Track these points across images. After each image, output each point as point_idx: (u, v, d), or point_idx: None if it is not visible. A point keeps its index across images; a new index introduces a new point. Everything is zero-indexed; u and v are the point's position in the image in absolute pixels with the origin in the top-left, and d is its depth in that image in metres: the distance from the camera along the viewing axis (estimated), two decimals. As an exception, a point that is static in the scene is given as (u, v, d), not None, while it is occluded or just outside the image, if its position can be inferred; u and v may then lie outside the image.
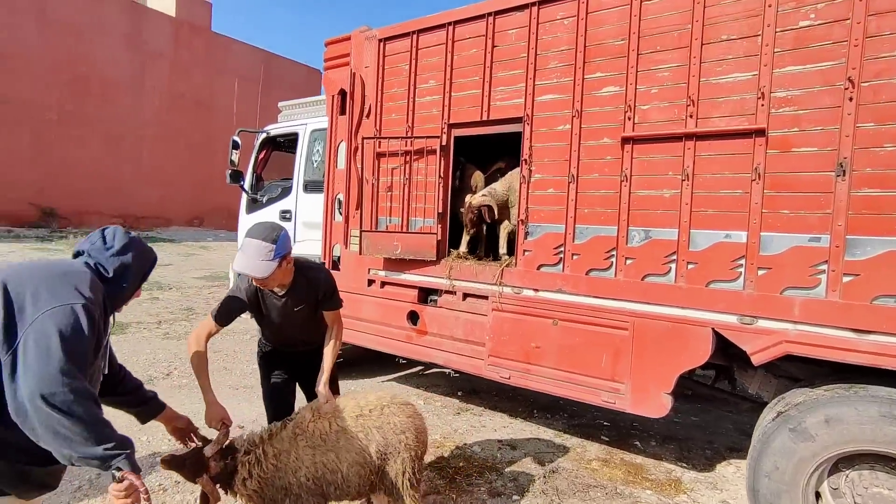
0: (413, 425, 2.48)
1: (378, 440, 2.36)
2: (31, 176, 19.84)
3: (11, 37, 19.40)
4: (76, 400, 1.35)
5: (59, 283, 1.48)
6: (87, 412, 1.37)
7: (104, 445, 1.39)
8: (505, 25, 3.57)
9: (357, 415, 2.39)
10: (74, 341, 1.39)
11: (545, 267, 3.40)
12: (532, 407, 4.79)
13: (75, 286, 1.49)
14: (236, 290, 2.59)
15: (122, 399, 1.99)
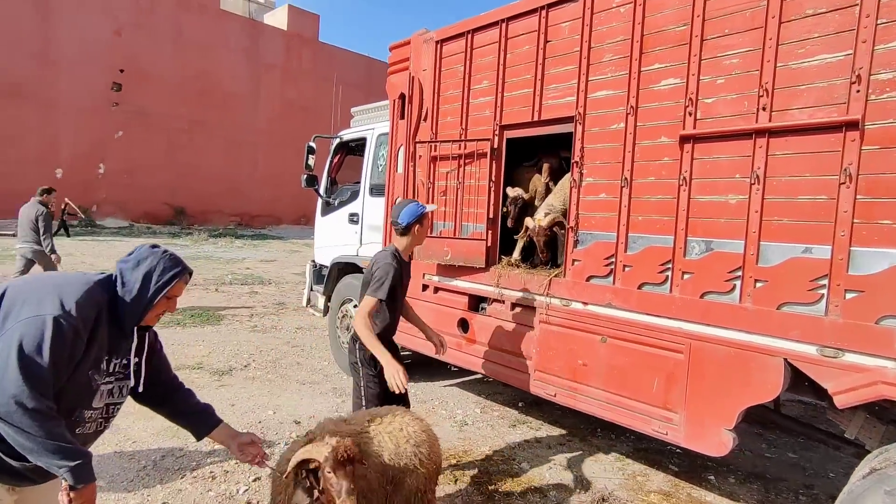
0: (428, 439, 2.38)
1: (390, 448, 2.28)
2: (165, 179, 22.59)
3: (153, 58, 22.20)
4: (21, 412, 1.39)
5: (47, 294, 1.53)
6: (33, 426, 1.41)
7: (53, 458, 1.44)
8: (558, 18, 3.33)
9: (368, 420, 2.34)
10: (33, 354, 1.42)
11: (595, 279, 3.12)
12: (596, 425, 4.46)
13: (60, 297, 1.52)
14: (390, 269, 2.84)
15: (173, 411, 2.01)
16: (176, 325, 6.92)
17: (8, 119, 19.01)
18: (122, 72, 21.52)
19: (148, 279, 1.69)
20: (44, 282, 1.66)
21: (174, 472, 3.24)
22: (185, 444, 3.60)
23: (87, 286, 1.61)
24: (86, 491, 1.51)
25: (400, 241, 3.00)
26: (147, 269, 1.69)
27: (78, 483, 1.48)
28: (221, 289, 9.93)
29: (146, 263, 1.70)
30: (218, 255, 15.29)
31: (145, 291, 1.68)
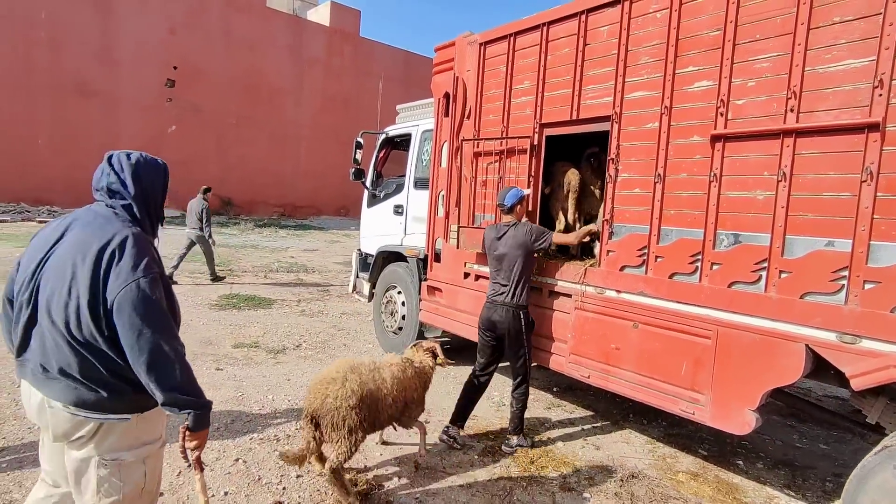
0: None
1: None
2: (215, 171, 23.62)
3: (204, 56, 23.18)
4: (171, 356, 1.65)
5: (136, 255, 1.70)
6: (180, 369, 1.65)
7: (188, 398, 1.66)
8: (597, 23, 3.53)
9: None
10: (161, 306, 1.68)
11: (628, 268, 3.33)
12: (629, 410, 4.67)
13: (145, 255, 1.72)
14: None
15: None
16: (232, 308, 7.45)
17: (76, 116, 20.31)
18: (176, 69, 22.57)
19: (153, 191, 1.81)
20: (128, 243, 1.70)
21: (243, 434, 3.66)
22: (250, 410, 4.03)
23: (141, 237, 1.72)
24: (201, 435, 1.75)
25: (505, 218, 3.78)
26: (146, 183, 1.79)
27: (197, 427, 1.70)
28: (269, 276, 10.50)
29: (144, 179, 1.78)
30: (264, 244, 16.01)
31: (158, 202, 1.84)
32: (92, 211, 1.76)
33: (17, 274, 1.75)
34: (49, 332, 1.63)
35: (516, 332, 3.61)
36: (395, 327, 5.60)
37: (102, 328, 1.60)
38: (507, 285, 3.61)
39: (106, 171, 1.76)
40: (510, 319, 3.59)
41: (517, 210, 3.72)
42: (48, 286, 1.63)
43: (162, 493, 2.87)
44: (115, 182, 1.76)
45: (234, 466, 3.21)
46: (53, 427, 1.67)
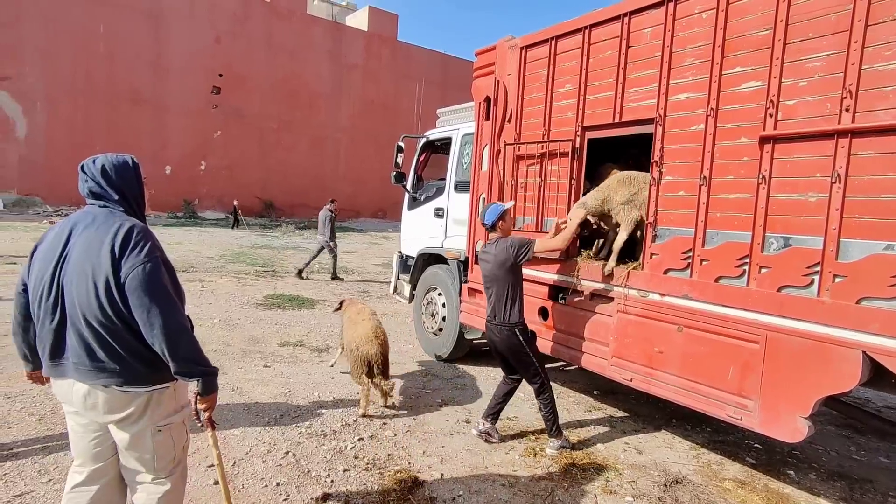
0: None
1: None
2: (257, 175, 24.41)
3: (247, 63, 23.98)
4: (184, 331, 1.88)
5: (142, 240, 1.90)
6: (190, 340, 1.87)
7: (198, 366, 1.87)
8: (640, 25, 3.51)
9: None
10: (170, 285, 1.92)
11: (672, 271, 3.30)
12: (671, 416, 4.60)
13: (151, 239, 1.94)
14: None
15: None
16: (277, 307, 7.71)
17: (128, 122, 21.40)
18: (221, 76, 23.48)
19: (130, 188, 1.98)
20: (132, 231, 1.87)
21: (291, 427, 3.81)
22: (297, 405, 4.19)
23: (141, 226, 1.91)
24: (210, 398, 1.93)
25: (491, 237, 3.82)
26: (120, 182, 1.95)
27: (206, 391, 1.89)
28: (311, 277, 10.78)
29: (116, 179, 1.93)
30: (304, 245, 16.43)
31: (136, 196, 2.01)
32: (89, 213, 1.91)
33: (27, 288, 1.91)
34: (85, 328, 1.80)
35: (517, 350, 3.67)
36: (436, 328, 5.69)
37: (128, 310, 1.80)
38: (498, 305, 3.66)
39: (82, 178, 1.93)
40: (507, 339, 3.65)
41: (500, 226, 3.76)
42: (73, 289, 1.79)
43: (218, 482, 3.03)
44: (94, 186, 1.92)
45: (285, 459, 3.35)
46: (107, 409, 1.86)
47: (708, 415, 3.19)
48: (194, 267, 10.78)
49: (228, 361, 5.17)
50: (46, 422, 3.62)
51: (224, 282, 9.46)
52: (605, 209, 3.77)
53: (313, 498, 2.95)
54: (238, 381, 4.67)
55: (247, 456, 3.36)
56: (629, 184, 3.73)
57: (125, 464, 1.98)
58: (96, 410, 1.86)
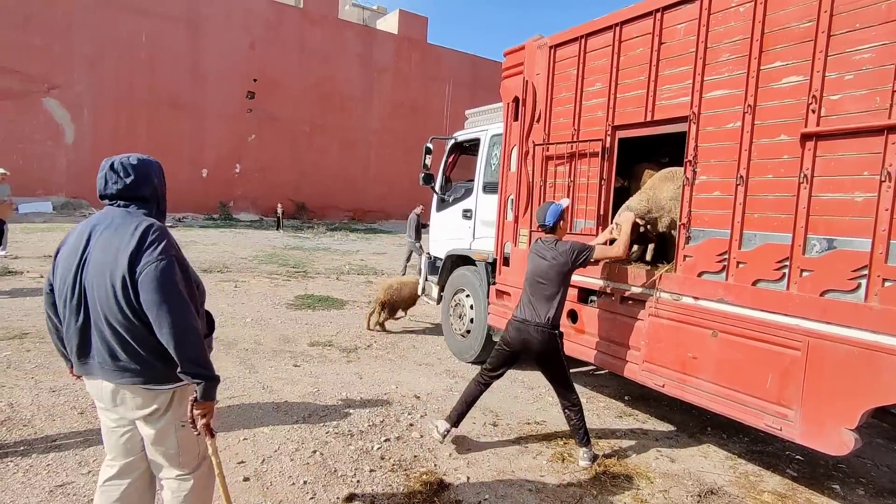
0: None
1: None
2: (290, 177, 24.89)
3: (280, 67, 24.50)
4: (192, 329, 1.87)
5: (161, 240, 1.92)
6: (197, 341, 1.86)
7: (201, 369, 1.84)
8: (673, 20, 3.41)
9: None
10: (183, 283, 1.92)
11: (706, 274, 3.19)
12: (706, 424, 4.45)
13: (168, 238, 1.94)
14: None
15: None
16: (307, 308, 7.83)
17: (168, 127, 22.15)
18: (256, 81, 24.04)
19: (162, 190, 2.03)
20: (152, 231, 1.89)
21: (319, 427, 3.84)
22: (325, 405, 4.23)
23: (158, 225, 1.91)
24: (206, 405, 1.86)
25: (549, 237, 3.64)
26: (158, 183, 2.01)
27: (204, 397, 1.84)
28: (341, 278, 10.91)
29: (157, 180, 2.00)
30: (335, 247, 16.66)
31: (164, 196, 2.05)
32: (108, 214, 1.92)
33: (53, 288, 1.94)
34: (106, 329, 1.83)
35: (554, 354, 3.51)
36: (464, 330, 5.66)
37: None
38: (541, 306, 3.48)
39: (112, 178, 1.91)
40: (546, 342, 3.46)
41: (560, 226, 3.61)
42: (94, 291, 1.82)
43: (248, 478, 3.09)
44: (124, 186, 1.91)
45: (312, 458, 3.39)
46: (133, 406, 1.90)
47: (745, 424, 3.07)
48: (228, 267, 11.05)
49: (259, 360, 5.27)
50: (87, 415, 3.76)
51: (257, 282, 9.66)
52: (651, 209, 3.68)
53: (339, 497, 2.96)
54: (268, 379, 4.75)
55: (275, 454, 3.40)
56: (672, 179, 3.65)
57: (152, 458, 2.02)
58: (124, 406, 1.91)
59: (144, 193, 1.95)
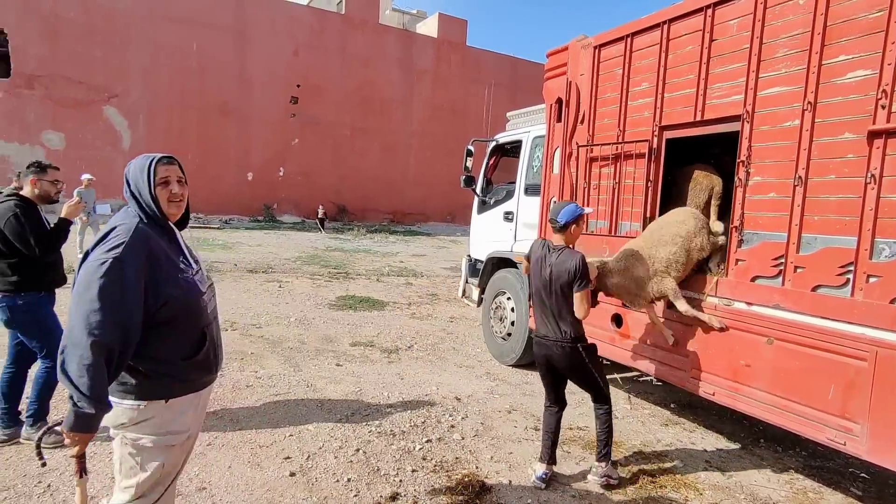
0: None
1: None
2: (331, 180, 25.41)
3: (323, 73, 25.06)
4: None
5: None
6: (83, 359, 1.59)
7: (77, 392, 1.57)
8: (725, 16, 3.30)
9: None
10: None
11: (761, 279, 3.06)
12: (760, 436, 4.26)
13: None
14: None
15: None
16: (348, 308, 7.97)
17: (217, 132, 23.00)
18: (299, 86, 24.65)
19: (137, 187, 1.85)
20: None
21: (362, 426, 3.90)
22: (368, 404, 4.29)
23: (126, 226, 1.77)
24: (74, 437, 1.61)
25: (556, 237, 3.22)
26: (132, 182, 1.86)
27: (70, 425, 1.58)
28: (382, 279, 11.05)
29: (130, 179, 1.87)
30: (375, 248, 16.88)
31: (145, 195, 1.83)
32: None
33: None
34: None
35: (580, 367, 3.17)
36: (504, 333, 5.63)
37: None
38: (555, 319, 3.13)
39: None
40: (569, 356, 3.12)
41: (571, 230, 3.17)
42: None
43: (294, 473, 3.16)
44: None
45: (355, 456, 3.44)
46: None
47: (804, 437, 2.92)
48: (273, 268, 11.37)
49: (303, 359, 5.40)
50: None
51: (299, 282, 9.91)
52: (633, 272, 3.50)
53: (382, 496, 3.00)
54: (312, 377, 4.86)
55: (320, 451, 3.48)
56: (671, 242, 3.50)
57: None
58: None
59: (132, 192, 1.86)
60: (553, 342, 3.15)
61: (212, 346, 1.92)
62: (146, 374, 1.75)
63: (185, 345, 1.83)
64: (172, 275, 1.78)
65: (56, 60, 19.82)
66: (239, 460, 3.29)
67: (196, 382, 1.89)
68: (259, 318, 6.91)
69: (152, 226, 1.82)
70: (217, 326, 2.01)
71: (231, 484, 3.03)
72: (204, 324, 1.89)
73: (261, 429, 3.73)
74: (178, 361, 1.81)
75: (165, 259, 1.79)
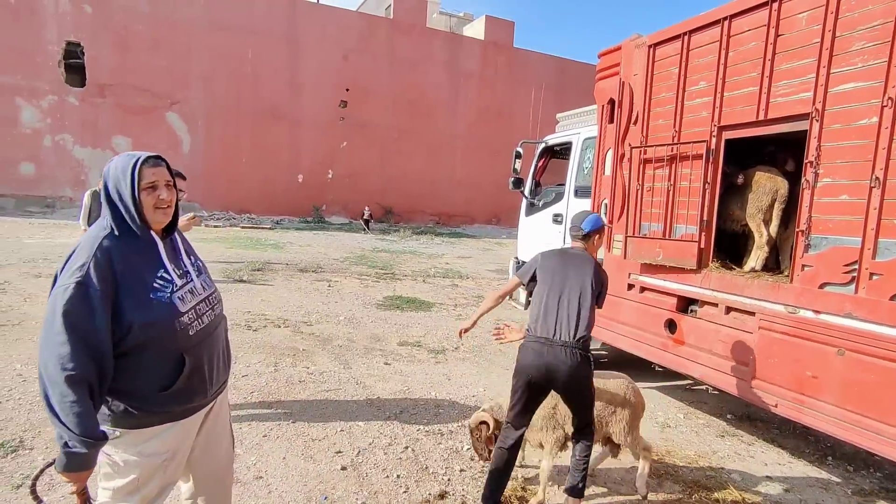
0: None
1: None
2: (378, 182, 25.86)
3: (371, 77, 25.56)
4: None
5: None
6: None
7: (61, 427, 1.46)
8: (793, 9, 3.15)
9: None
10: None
11: (831, 286, 2.90)
12: (827, 452, 4.03)
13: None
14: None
15: None
16: (396, 308, 8.08)
17: (268, 136, 23.86)
18: (348, 90, 25.23)
19: (118, 191, 1.65)
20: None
21: (410, 424, 3.95)
22: (415, 403, 4.34)
23: (90, 239, 1.61)
24: (69, 475, 1.50)
25: (577, 245, 3.05)
26: (111, 184, 1.66)
27: (62, 467, 1.47)
28: (428, 280, 11.15)
29: (110, 180, 1.67)
30: (421, 250, 17.04)
31: (126, 200, 1.64)
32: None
33: None
34: None
35: (584, 381, 2.76)
36: (551, 336, 5.56)
37: None
38: (571, 321, 2.73)
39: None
40: (576, 365, 2.66)
41: (594, 240, 3.01)
42: None
43: (345, 468, 3.23)
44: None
45: (404, 453, 3.49)
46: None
47: (879, 456, 2.75)
48: (322, 268, 11.67)
49: (352, 357, 5.52)
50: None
51: (348, 282, 10.13)
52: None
53: (431, 494, 3.03)
54: (361, 375, 4.96)
55: (370, 447, 3.55)
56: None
57: None
58: None
59: (108, 196, 1.67)
60: (562, 347, 2.67)
61: (196, 371, 1.72)
62: (117, 409, 1.62)
63: (159, 374, 1.65)
64: (141, 297, 1.60)
65: (125, 70, 21.12)
66: (293, 452, 3.40)
67: (176, 412, 1.71)
68: (310, 316, 7.11)
69: (124, 238, 1.63)
70: (213, 343, 1.83)
71: (286, 475, 3.14)
72: (183, 347, 1.68)
73: (313, 423, 3.85)
74: (153, 394, 1.64)
75: (132, 278, 1.60)
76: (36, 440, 3.33)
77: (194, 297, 1.76)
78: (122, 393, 1.61)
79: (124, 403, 1.61)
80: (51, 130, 20.49)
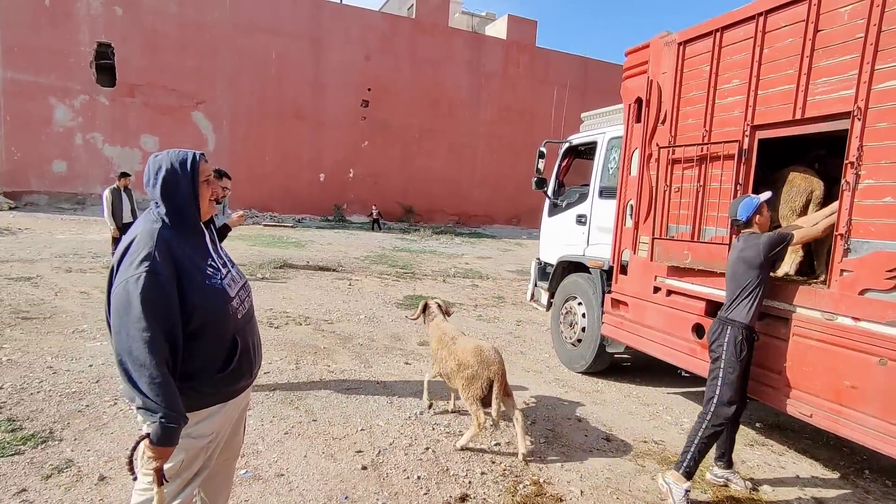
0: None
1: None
2: (399, 182, 25.96)
3: (393, 76, 25.66)
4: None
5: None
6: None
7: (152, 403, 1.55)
8: (833, 4, 3.03)
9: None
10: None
11: (872, 293, 2.78)
12: (864, 465, 3.88)
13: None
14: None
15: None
16: (416, 308, 8.06)
17: (291, 136, 24.15)
18: (370, 90, 25.38)
19: (176, 182, 1.73)
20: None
21: (430, 425, 3.93)
22: (436, 404, 4.31)
23: (147, 234, 1.67)
24: (159, 450, 1.58)
25: (745, 232, 3.28)
26: (167, 176, 1.73)
27: (157, 440, 1.55)
28: (448, 280, 11.12)
29: (164, 173, 1.73)
30: (441, 249, 17.03)
31: (184, 192, 1.74)
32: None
33: None
34: None
35: (714, 344, 3.21)
36: (574, 339, 5.49)
37: None
38: (728, 303, 3.21)
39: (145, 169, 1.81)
40: (716, 331, 3.21)
41: (757, 220, 3.22)
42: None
43: (365, 467, 3.22)
44: (145, 179, 1.76)
45: (425, 454, 3.47)
46: None
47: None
48: (343, 266, 11.75)
49: (373, 356, 5.52)
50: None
51: (368, 281, 10.17)
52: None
53: (452, 496, 3.00)
54: (381, 374, 4.96)
55: (390, 447, 3.53)
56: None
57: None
58: None
59: (157, 188, 1.75)
60: (716, 319, 3.28)
61: (245, 352, 1.84)
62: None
63: (216, 356, 1.76)
64: (198, 282, 1.70)
65: (153, 70, 21.60)
66: (314, 451, 3.41)
67: (227, 393, 1.82)
68: (331, 315, 7.15)
69: (176, 228, 1.72)
70: (253, 328, 1.96)
71: (307, 473, 3.14)
72: (234, 330, 1.81)
73: (334, 421, 3.85)
74: (211, 375, 1.75)
75: (190, 265, 1.70)
76: (65, 431, 3.40)
77: (235, 285, 1.87)
78: (183, 375, 1.68)
79: (185, 385, 1.67)
80: (82, 129, 21.08)
